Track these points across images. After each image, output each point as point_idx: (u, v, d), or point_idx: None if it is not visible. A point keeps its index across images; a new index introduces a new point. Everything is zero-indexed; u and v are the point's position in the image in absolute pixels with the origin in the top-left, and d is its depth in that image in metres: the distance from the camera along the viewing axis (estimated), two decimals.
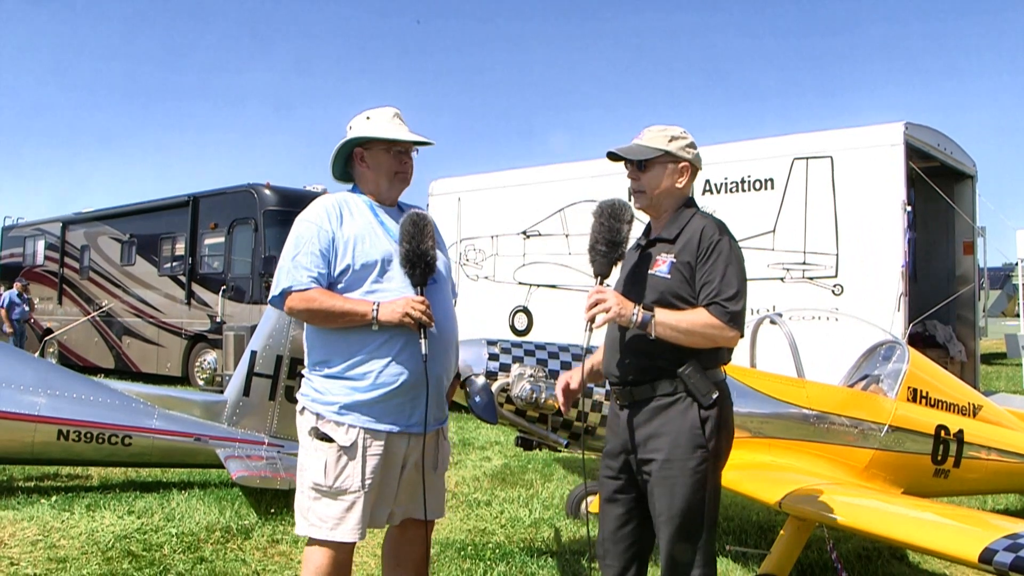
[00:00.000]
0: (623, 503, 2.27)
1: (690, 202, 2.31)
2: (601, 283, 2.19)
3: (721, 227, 2.21)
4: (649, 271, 2.22)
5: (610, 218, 2.17)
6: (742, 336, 2.17)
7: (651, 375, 2.18)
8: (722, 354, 2.23)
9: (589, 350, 2.32)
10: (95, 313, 12.76)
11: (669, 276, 2.18)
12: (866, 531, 2.74)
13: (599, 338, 2.39)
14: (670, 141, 2.27)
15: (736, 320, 2.12)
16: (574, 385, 2.36)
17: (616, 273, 2.33)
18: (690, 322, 2.12)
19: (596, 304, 2.11)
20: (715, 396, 2.16)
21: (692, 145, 2.31)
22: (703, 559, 2.15)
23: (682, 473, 2.12)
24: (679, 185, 2.27)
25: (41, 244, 14.65)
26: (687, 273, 2.16)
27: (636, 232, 2.30)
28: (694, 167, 2.30)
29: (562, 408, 2.40)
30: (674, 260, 2.18)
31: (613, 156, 2.32)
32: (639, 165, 2.27)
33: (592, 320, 2.13)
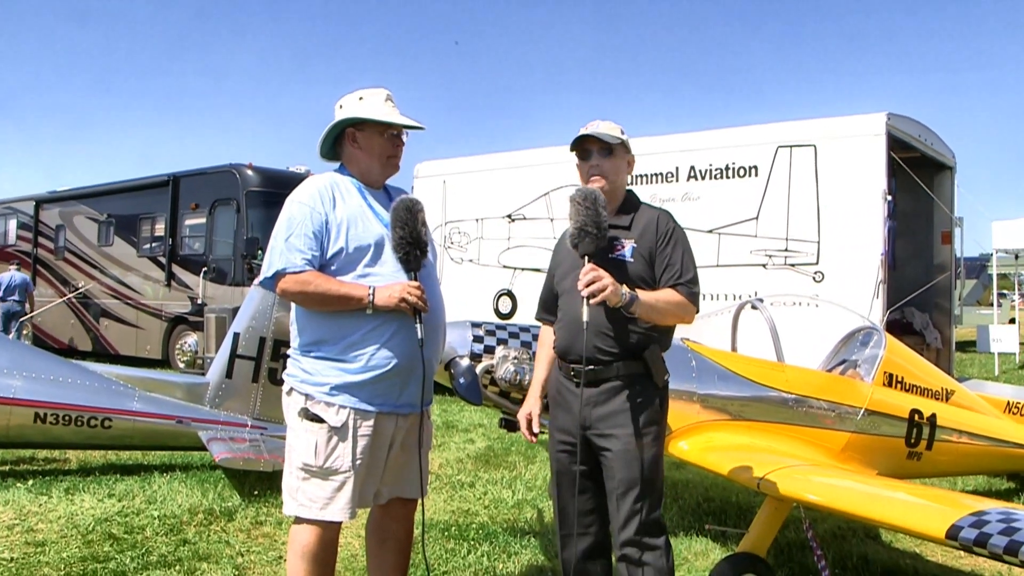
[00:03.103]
0: (579, 475, 2.35)
1: (632, 193, 2.47)
2: (589, 262, 2.23)
3: (672, 217, 2.43)
4: (610, 255, 2.31)
5: (594, 203, 2.25)
6: (697, 312, 2.39)
7: (616, 355, 2.29)
8: (671, 339, 2.46)
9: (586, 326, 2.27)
10: (71, 294, 12.52)
11: (632, 260, 2.32)
12: (841, 510, 2.80)
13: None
14: (622, 133, 2.42)
15: (696, 300, 2.35)
16: (536, 425, 2.44)
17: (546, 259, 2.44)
18: (666, 300, 2.29)
19: (593, 282, 2.15)
20: (666, 377, 2.36)
21: None
22: (660, 526, 2.29)
23: (641, 447, 2.27)
24: (627, 176, 2.48)
25: (13, 223, 14.32)
26: (647, 258, 2.33)
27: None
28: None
29: (529, 439, 2.48)
30: (635, 245, 2.33)
31: (588, 139, 2.39)
32: (609, 150, 2.37)
33: (590, 296, 2.16)
